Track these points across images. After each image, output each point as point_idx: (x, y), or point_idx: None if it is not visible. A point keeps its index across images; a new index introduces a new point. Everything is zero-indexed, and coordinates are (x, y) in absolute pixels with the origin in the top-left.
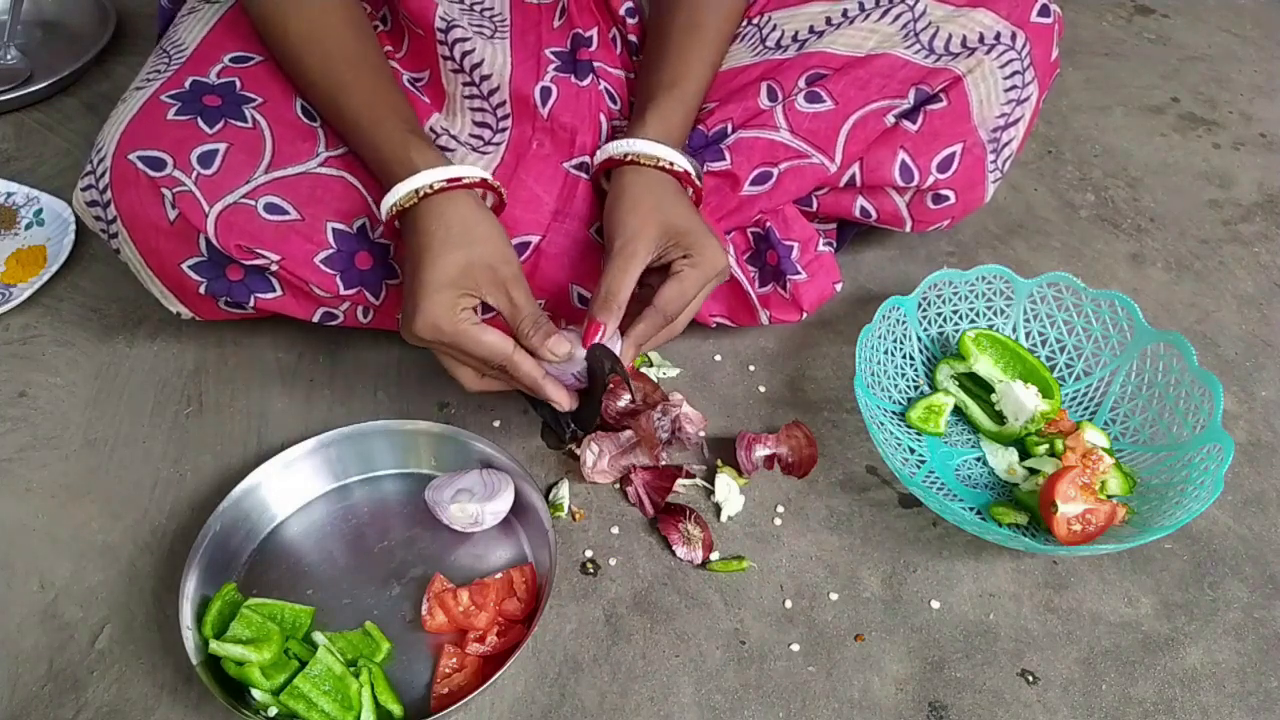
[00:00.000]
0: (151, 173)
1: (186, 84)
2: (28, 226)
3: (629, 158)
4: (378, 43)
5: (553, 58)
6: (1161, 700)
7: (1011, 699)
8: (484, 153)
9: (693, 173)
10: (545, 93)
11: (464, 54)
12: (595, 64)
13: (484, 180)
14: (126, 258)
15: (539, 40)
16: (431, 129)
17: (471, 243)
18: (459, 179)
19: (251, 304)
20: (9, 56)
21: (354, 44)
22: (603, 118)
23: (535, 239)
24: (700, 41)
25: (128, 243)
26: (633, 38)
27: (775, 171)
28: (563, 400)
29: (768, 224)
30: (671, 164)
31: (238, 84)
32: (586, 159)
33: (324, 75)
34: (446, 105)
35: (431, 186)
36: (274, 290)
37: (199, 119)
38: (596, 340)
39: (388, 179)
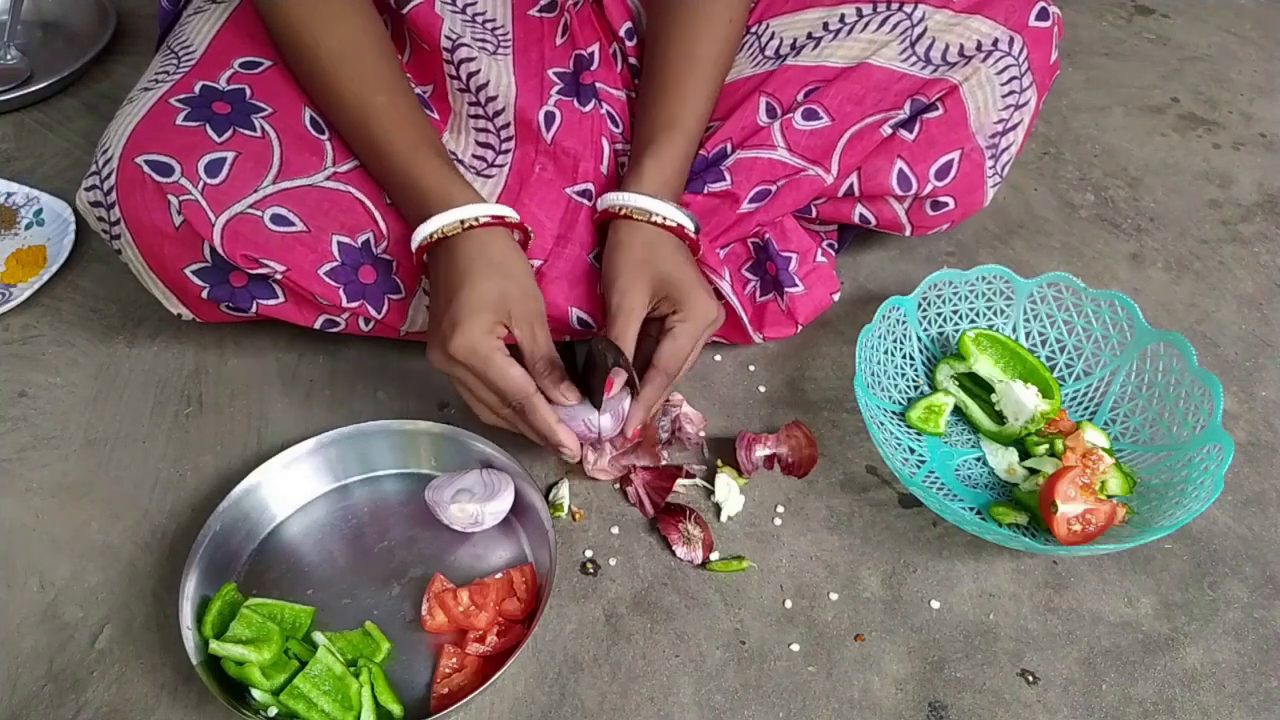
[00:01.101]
0: (158, 178)
1: (196, 89)
2: (28, 226)
3: (624, 211)
4: (401, 66)
5: (556, 79)
6: (1161, 700)
7: (1011, 699)
8: (487, 175)
9: (688, 226)
10: (549, 118)
11: (470, 74)
12: (598, 85)
13: (520, 223)
14: (128, 259)
15: (541, 58)
16: None
17: (509, 275)
18: (502, 217)
19: (253, 309)
20: (9, 56)
21: (385, 68)
22: (605, 142)
23: (537, 264)
24: (699, 74)
25: (130, 245)
26: (633, 60)
27: (773, 188)
28: (574, 449)
29: (766, 235)
30: (665, 219)
31: (247, 92)
32: (589, 185)
33: (356, 97)
34: (451, 123)
35: (478, 219)
36: (276, 297)
37: (208, 126)
38: (611, 394)
39: (421, 207)
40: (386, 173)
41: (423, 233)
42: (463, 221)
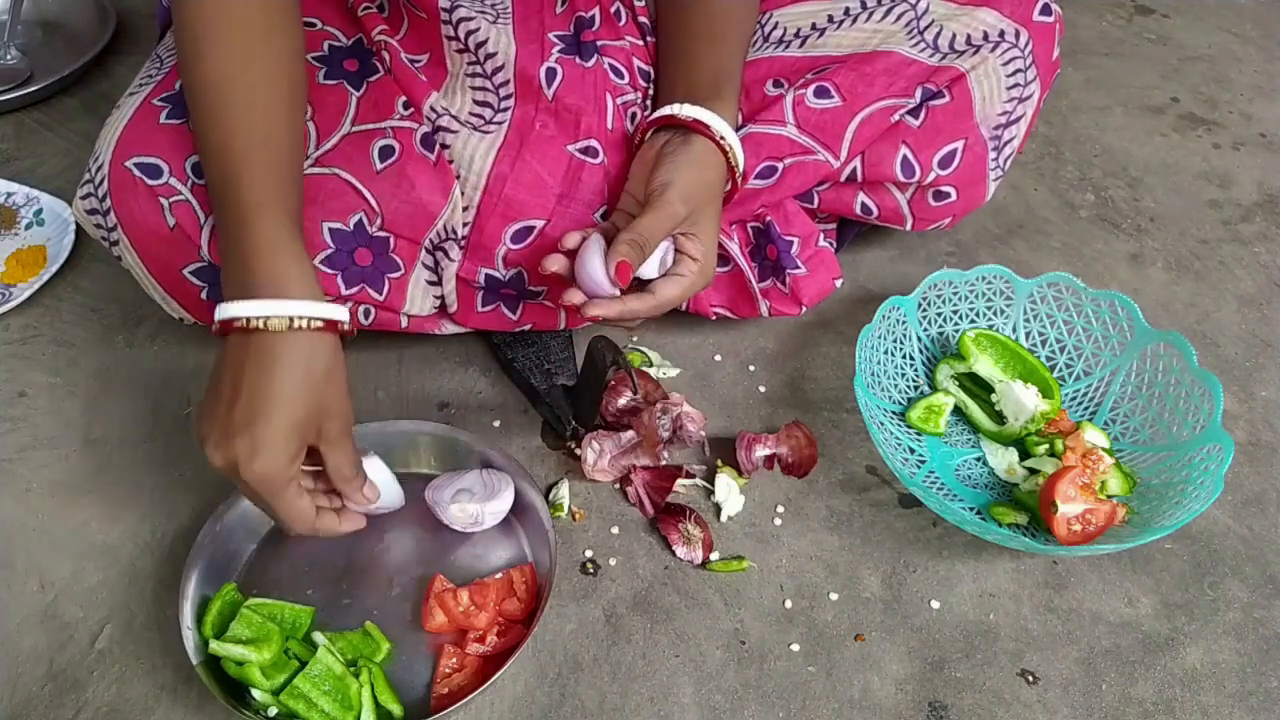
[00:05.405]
0: (149, 180)
1: (177, 86)
2: (28, 226)
3: (709, 130)
4: (303, 102)
5: (556, 41)
6: (1161, 700)
7: (1011, 699)
8: (485, 132)
9: (739, 171)
10: (550, 74)
11: (468, 33)
12: (599, 43)
13: (349, 328)
14: (128, 264)
15: (542, 25)
16: (431, 108)
17: (326, 393)
18: (335, 321)
19: None
20: (9, 56)
21: (266, 103)
22: (609, 97)
23: (540, 224)
24: (737, 32)
25: (129, 249)
26: (643, 19)
27: (780, 166)
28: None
29: (768, 218)
30: (736, 158)
31: None
32: (592, 141)
33: (218, 129)
34: (446, 84)
35: (308, 322)
36: None
37: (189, 120)
38: (625, 283)
39: (245, 279)
40: (223, 221)
41: (235, 312)
42: (292, 320)
